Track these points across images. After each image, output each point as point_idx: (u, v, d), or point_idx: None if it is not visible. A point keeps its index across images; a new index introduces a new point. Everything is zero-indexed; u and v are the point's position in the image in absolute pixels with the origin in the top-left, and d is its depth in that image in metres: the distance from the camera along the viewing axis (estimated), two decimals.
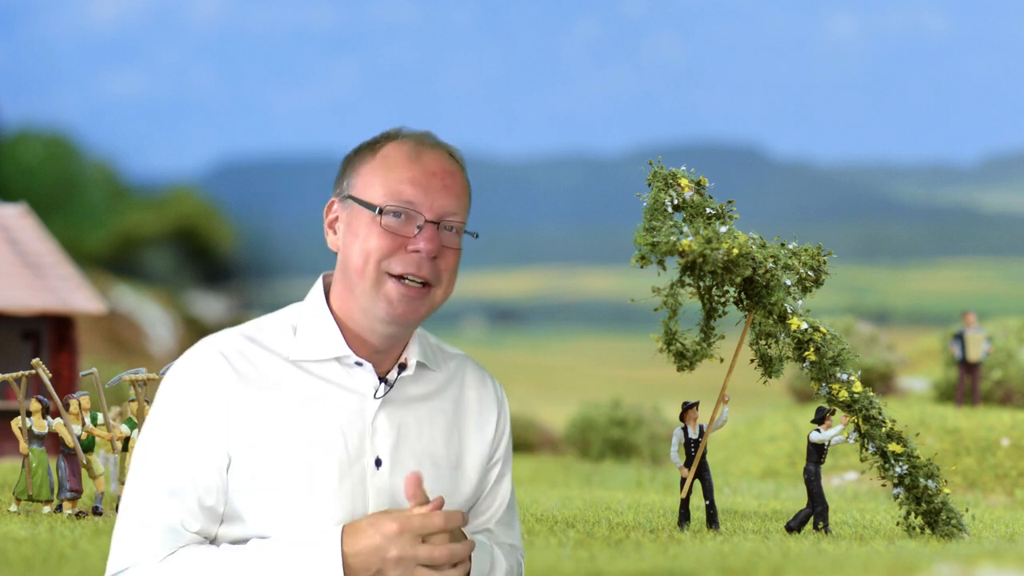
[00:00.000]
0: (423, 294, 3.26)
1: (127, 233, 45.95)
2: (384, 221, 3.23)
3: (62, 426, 9.48)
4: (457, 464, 3.41)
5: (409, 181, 3.25)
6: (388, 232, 3.24)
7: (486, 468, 3.47)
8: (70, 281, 19.16)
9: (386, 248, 3.24)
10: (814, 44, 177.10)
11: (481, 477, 3.46)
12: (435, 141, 3.34)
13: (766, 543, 8.22)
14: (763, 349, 8.98)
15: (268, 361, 3.29)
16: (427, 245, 3.23)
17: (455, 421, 3.42)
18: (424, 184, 3.26)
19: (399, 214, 3.24)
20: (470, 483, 3.43)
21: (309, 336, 3.32)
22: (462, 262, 3.36)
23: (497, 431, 3.50)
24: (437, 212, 3.26)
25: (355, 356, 3.31)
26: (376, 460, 3.29)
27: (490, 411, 3.49)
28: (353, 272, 3.28)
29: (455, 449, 3.41)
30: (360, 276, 3.26)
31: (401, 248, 3.24)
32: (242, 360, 3.27)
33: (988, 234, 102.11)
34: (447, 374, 3.45)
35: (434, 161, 3.29)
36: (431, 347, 3.45)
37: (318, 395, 3.29)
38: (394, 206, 3.24)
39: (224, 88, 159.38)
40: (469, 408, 3.46)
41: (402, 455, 3.32)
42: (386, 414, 3.32)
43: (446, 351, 3.50)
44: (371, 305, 3.27)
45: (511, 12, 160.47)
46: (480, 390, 3.49)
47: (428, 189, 3.26)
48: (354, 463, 3.27)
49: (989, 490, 15.36)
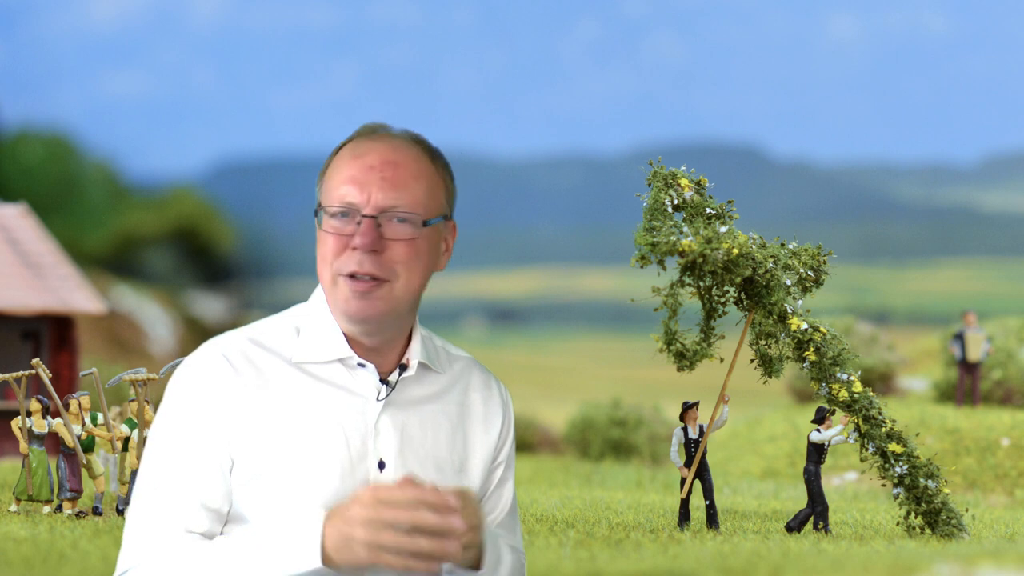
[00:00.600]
0: (371, 288, 3.23)
1: (127, 233, 45.94)
2: (328, 223, 3.24)
3: (62, 426, 9.48)
4: (461, 466, 3.40)
5: (349, 180, 3.24)
6: (332, 234, 3.23)
7: (490, 470, 3.47)
8: (70, 281, 19.16)
9: (334, 250, 3.24)
10: (814, 44, 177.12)
11: (484, 479, 3.45)
12: (384, 132, 3.31)
13: (766, 543, 8.22)
14: (763, 349, 8.98)
15: (271, 363, 3.30)
16: (361, 240, 3.20)
17: (459, 423, 3.41)
18: (361, 180, 3.23)
19: (345, 214, 3.23)
20: (474, 485, 3.42)
21: (312, 338, 3.32)
22: (462, 262, 3.38)
23: (502, 434, 3.49)
24: (376, 206, 3.22)
25: (357, 357, 3.30)
26: (380, 462, 3.29)
27: (495, 414, 3.48)
28: (320, 279, 3.30)
29: (459, 451, 3.40)
30: (323, 281, 3.28)
31: (347, 247, 3.23)
32: (245, 363, 3.28)
33: (988, 234, 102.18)
34: (452, 376, 3.44)
35: (375, 155, 3.25)
36: (435, 348, 3.44)
37: (321, 397, 3.29)
38: (335, 207, 3.23)
39: (224, 88, 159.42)
40: (474, 410, 3.45)
41: (406, 457, 3.31)
42: (389, 416, 3.32)
43: (452, 353, 3.48)
44: (334, 308, 3.29)
45: (511, 12, 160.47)
46: (485, 392, 3.48)
47: (365, 184, 3.22)
48: (357, 465, 3.27)
49: (989, 490, 15.36)
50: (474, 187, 26.76)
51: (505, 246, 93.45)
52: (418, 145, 3.31)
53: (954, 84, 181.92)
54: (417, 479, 3.06)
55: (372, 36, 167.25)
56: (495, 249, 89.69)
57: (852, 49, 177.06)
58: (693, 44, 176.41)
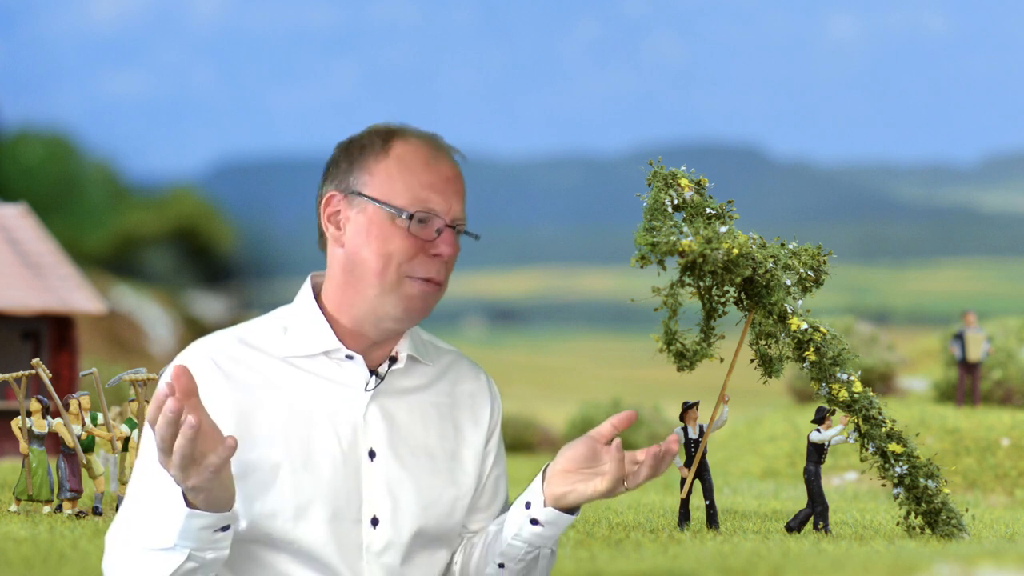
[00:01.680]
0: (437, 292, 3.35)
1: (127, 233, 45.93)
2: (411, 227, 3.30)
3: (62, 426, 9.48)
4: (453, 455, 3.44)
5: (430, 187, 3.32)
6: (412, 236, 3.30)
7: (482, 460, 3.49)
8: (70, 281, 19.16)
9: (409, 251, 3.30)
10: (814, 44, 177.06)
11: (478, 467, 3.48)
12: (445, 144, 3.43)
13: (766, 543, 8.22)
14: (763, 349, 8.98)
15: (258, 360, 3.33)
16: (448, 250, 3.32)
17: (449, 413, 3.46)
18: (443, 190, 3.34)
19: (424, 220, 3.31)
20: (468, 475, 3.45)
21: (299, 333, 3.36)
22: (462, 262, 3.47)
23: (491, 424, 3.53)
24: (453, 217, 3.35)
25: (345, 350, 3.34)
26: (370, 452, 3.33)
27: (483, 404, 3.53)
28: (369, 272, 3.31)
29: (450, 440, 3.45)
30: (378, 276, 3.30)
31: (421, 251, 3.31)
32: (231, 362, 3.31)
33: (988, 234, 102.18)
34: (440, 368, 3.49)
35: (449, 167, 3.37)
36: (423, 342, 3.50)
37: (309, 389, 3.32)
38: (420, 211, 3.30)
39: (224, 88, 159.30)
40: (463, 401, 3.50)
41: (396, 446, 3.35)
42: (378, 406, 3.36)
43: (439, 346, 3.54)
44: (385, 304, 3.31)
45: (511, 12, 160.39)
46: (474, 384, 3.53)
47: (446, 195, 3.34)
48: (348, 455, 3.31)
49: (989, 490, 15.35)
50: (474, 187, 26.89)
51: (505, 246, 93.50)
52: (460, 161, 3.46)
53: (954, 84, 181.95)
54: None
55: (372, 36, 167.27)
56: (495, 249, 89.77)
57: (852, 49, 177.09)
58: (693, 44, 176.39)
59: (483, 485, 3.51)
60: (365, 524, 3.31)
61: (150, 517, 3.18)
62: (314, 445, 3.28)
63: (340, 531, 3.29)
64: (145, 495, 3.23)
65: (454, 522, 3.43)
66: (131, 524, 3.22)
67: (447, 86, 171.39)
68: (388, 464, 3.33)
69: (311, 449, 3.28)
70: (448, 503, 3.41)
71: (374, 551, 3.32)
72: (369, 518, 3.32)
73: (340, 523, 3.29)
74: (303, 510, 3.26)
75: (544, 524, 3.34)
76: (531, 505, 3.34)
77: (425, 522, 3.37)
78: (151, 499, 3.20)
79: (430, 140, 3.39)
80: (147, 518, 3.19)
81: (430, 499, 3.38)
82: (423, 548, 3.39)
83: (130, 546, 3.20)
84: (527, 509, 3.35)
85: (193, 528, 3.10)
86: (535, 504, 3.34)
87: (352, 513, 3.30)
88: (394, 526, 3.33)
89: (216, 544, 3.15)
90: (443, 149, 3.39)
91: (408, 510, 3.34)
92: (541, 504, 3.33)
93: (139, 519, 3.21)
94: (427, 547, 3.40)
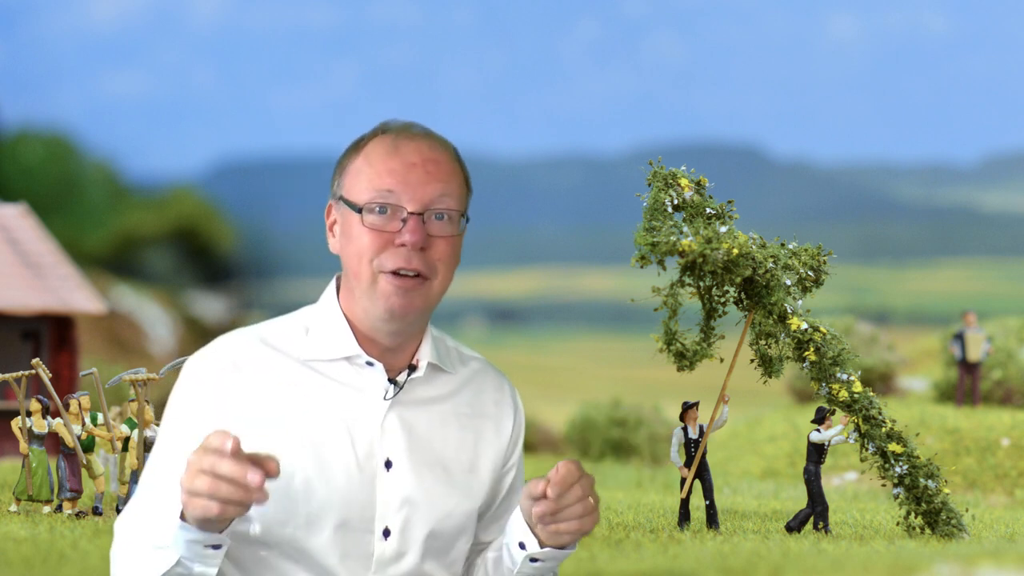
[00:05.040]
0: (416, 285, 3.22)
1: (127, 233, 45.91)
2: (367, 219, 3.20)
3: (62, 426, 9.48)
4: (471, 467, 3.37)
5: (388, 174, 3.21)
6: (373, 230, 3.20)
7: (501, 472, 3.44)
8: (70, 281, 19.16)
9: (375, 246, 3.20)
10: (814, 44, 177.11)
11: (496, 481, 3.42)
12: (418, 130, 3.29)
13: (766, 543, 8.22)
14: (763, 349, 8.99)
15: (278, 362, 3.27)
16: (411, 237, 3.18)
17: (471, 424, 3.38)
18: (403, 175, 3.21)
19: (384, 210, 3.20)
20: (484, 487, 3.39)
21: (320, 336, 3.30)
22: (462, 261, 3.34)
23: (512, 435, 3.46)
24: (420, 202, 3.21)
25: (366, 356, 3.28)
26: (386, 461, 3.26)
27: (507, 416, 3.45)
28: (351, 275, 3.26)
29: (469, 452, 3.37)
30: (357, 278, 3.24)
31: (389, 244, 3.20)
32: (250, 363, 3.26)
33: (988, 234, 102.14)
34: (463, 377, 3.41)
35: (414, 151, 3.24)
36: (447, 349, 3.42)
37: (327, 395, 3.26)
38: (376, 203, 3.20)
39: (224, 88, 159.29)
40: (486, 412, 3.42)
41: (413, 456, 3.28)
42: (396, 415, 3.29)
43: (464, 354, 3.46)
44: (370, 305, 3.24)
45: (511, 12, 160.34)
46: (498, 395, 3.45)
47: (408, 180, 3.21)
48: (363, 464, 3.25)
49: (989, 490, 15.36)
50: (474, 187, 26.92)
51: (505, 246, 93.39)
52: (448, 144, 3.31)
53: (954, 84, 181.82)
54: (228, 432, 2.96)
55: (372, 36, 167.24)
56: (495, 249, 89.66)
57: (852, 49, 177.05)
58: (693, 44, 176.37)
59: (501, 498, 3.45)
60: (376, 535, 3.26)
61: (155, 512, 3.16)
62: (330, 453, 3.22)
63: (350, 541, 3.24)
64: (155, 489, 3.20)
65: (466, 536, 3.37)
66: (139, 516, 3.19)
67: (447, 86, 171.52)
68: (404, 475, 3.26)
69: (326, 457, 3.22)
70: (462, 517, 3.34)
71: (383, 562, 3.27)
72: (381, 529, 3.26)
73: (351, 533, 3.24)
74: (315, 518, 3.21)
75: (543, 559, 3.28)
76: (526, 546, 3.28)
77: (437, 535, 3.31)
78: (159, 494, 3.18)
79: (401, 128, 3.28)
80: (153, 513, 3.17)
81: (444, 512, 3.31)
82: (433, 560, 3.33)
83: (134, 538, 3.17)
84: (522, 549, 3.29)
85: (183, 539, 3.07)
86: (530, 545, 3.27)
87: (364, 523, 3.25)
88: (405, 538, 3.27)
89: (205, 559, 3.10)
90: (413, 135, 3.26)
91: (420, 522, 3.28)
92: (536, 545, 3.27)
93: (146, 512, 3.19)
94: (437, 560, 3.34)
